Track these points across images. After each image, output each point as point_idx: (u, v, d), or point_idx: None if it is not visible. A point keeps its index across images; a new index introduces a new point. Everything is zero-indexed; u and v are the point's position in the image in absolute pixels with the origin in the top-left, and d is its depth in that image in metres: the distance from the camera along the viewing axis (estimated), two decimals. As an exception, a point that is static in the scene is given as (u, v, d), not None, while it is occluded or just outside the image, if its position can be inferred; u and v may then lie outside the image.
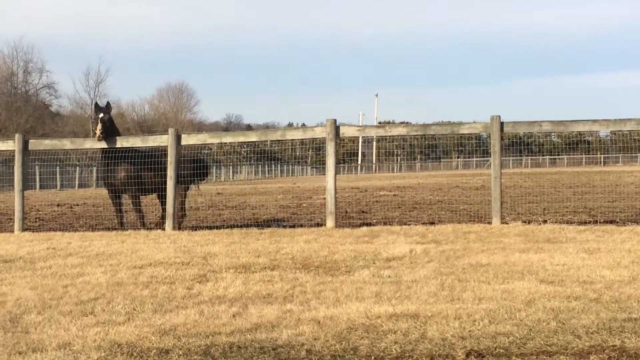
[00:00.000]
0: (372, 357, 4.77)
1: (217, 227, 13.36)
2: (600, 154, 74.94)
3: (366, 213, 16.50)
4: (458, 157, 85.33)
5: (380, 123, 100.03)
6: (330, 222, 12.68)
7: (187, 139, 14.04)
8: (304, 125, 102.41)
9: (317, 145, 22.79)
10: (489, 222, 12.31)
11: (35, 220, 16.68)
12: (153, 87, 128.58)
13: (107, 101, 14.00)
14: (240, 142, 21.81)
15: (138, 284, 7.46)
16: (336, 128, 13.02)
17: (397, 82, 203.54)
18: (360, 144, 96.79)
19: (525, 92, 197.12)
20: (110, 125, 13.67)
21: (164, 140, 13.65)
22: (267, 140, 18.64)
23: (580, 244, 9.41)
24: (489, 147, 12.72)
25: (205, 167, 14.91)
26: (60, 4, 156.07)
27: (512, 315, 5.64)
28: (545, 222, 12.49)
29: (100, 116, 13.61)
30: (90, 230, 13.60)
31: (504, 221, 12.37)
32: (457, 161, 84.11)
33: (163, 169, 13.43)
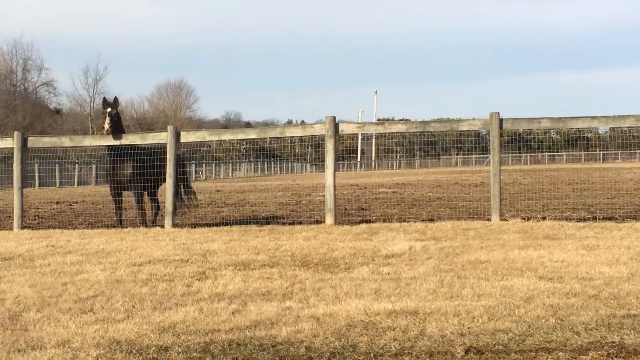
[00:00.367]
0: (372, 354, 4.77)
1: (217, 224, 13.35)
2: (600, 150, 74.98)
3: (365, 210, 16.50)
4: (457, 154, 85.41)
5: (379, 120, 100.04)
6: (329, 219, 12.69)
7: (186, 137, 14.05)
8: (303, 122, 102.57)
9: (316, 143, 22.79)
10: (488, 219, 12.32)
11: (34, 218, 16.68)
12: (152, 84, 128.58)
13: (115, 96, 14.00)
14: (239, 140, 21.81)
15: (137, 282, 7.46)
16: (335, 125, 13.02)
17: (397, 79, 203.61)
18: (359, 141, 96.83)
19: (524, 88, 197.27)
20: (118, 120, 13.71)
21: (163, 137, 13.65)
22: (266, 138, 18.61)
23: (579, 241, 9.42)
24: (488, 144, 12.73)
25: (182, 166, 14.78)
26: (60, 2, 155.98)
27: (511, 312, 5.64)
28: (545, 219, 12.49)
29: (108, 110, 13.61)
30: (89, 228, 13.60)
31: (503, 218, 12.38)
32: (456, 158, 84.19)
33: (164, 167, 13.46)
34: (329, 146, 12.89)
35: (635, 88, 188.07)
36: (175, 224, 13.19)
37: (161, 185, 13.87)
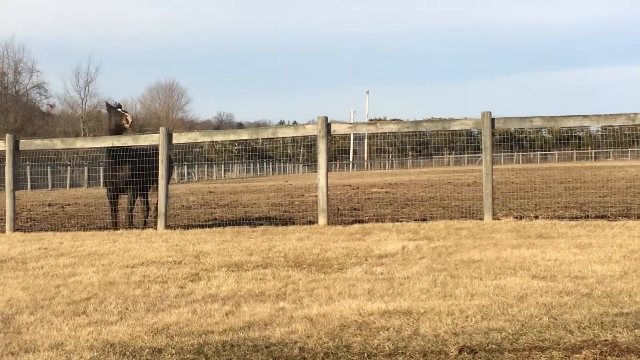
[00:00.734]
0: (365, 354, 4.78)
1: (209, 225, 13.35)
2: (591, 149, 75.09)
3: (358, 210, 16.50)
4: (450, 154, 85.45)
5: (371, 120, 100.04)
6: (322, 220, 12.69)
7: (179, 138, 14.04)
8: (295, 123, 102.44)
9: (308, 143, 22.76)
10: (481, 218, 12.33)
11: (26, 221, 16.63)
12: (144, 86, 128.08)
13: (118, 103, 14.19)
14: (231, 141, 21.78)
15: (130, 284, 7.45)
16: (327, 125, 13.02)
17: (389, 79, 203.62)
18: (351, 141, 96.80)
19: (516, 88, 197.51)
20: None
21: (155, 139, 13.63)
22: (259, 138, 18.65)
23: (571, 239, 9.44)
24: (481, 143, 12.75)
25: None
26: (51, 4, 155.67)
27: (504, 311, 5.65)
28: (537, 218, 12.51)
29: (123, 109, 13.77)
30: (82, 230, 13.57)
31: (495, 217, 12.40)
32: (448, 157, 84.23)
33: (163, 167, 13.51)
34: (321, 147, 12.89)
35: (626, 87, 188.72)
36: (167, 226, 13.18)
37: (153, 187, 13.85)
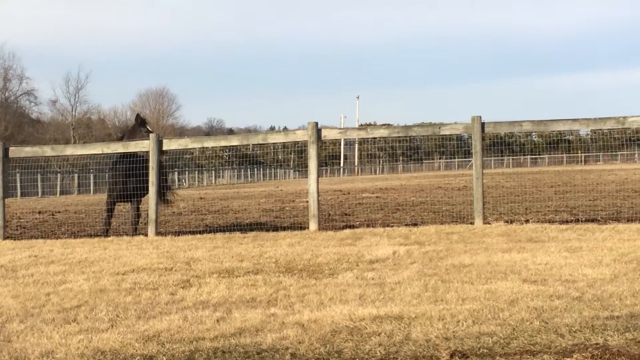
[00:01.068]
0: (357, 360, 4.77)
1: (200, 232, 13.32)
2: (581, 152, 75.37)
3: (349, 215, 16.50)
4: (440, 158, 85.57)
5: (361, 125, 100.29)
6: (313, 225, 12.69)
7: (169, 144, 14.02)
8: (285, 128, 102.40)
9: (299, 149, 22.75)
10: (472, 223, 12.35)
11: (16, 228, 16.57)
12: (134, 93, 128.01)
13: (145, 119, 14.70)
14: (222, 147, 21.77)
15: (121, 291, 7.42)
16: (318, 131, 13.03)
17: (379, 84, 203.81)
18: (342, 146, 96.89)
19: (507, 93, 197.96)
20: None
21: (145, 145, 13.60)
22: (249, 144, 18.64)
23: (562, 243, 9.46)
24: (471, 147, 12.77)
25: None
26: (40, 11, 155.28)
27: (495, 315, 5.65)
28: (528, 222, 12.54)
29: (148, 127, 14.29)
30: (72, 238, 13.52)
31: (486, 221, 12.42)
32: (439, 162, 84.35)
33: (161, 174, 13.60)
34: (312, 152, 12.90)
35: (615, 91, 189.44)
36: (158, 232, 13.15)
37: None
